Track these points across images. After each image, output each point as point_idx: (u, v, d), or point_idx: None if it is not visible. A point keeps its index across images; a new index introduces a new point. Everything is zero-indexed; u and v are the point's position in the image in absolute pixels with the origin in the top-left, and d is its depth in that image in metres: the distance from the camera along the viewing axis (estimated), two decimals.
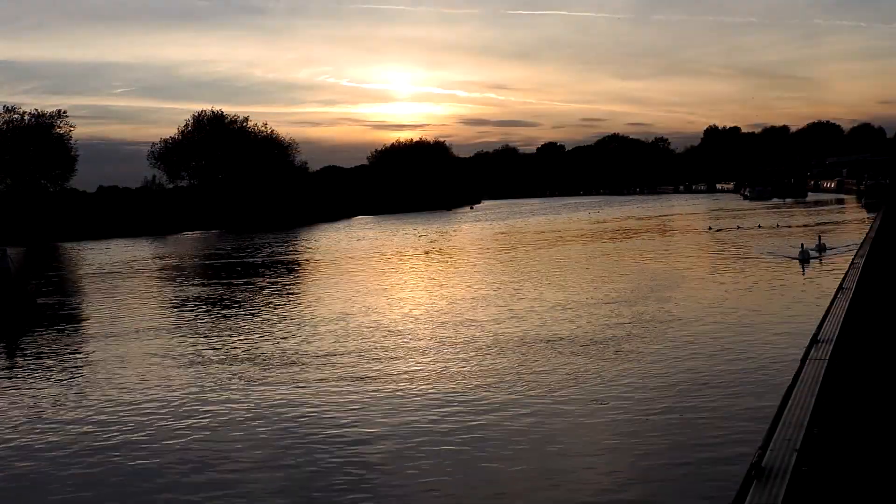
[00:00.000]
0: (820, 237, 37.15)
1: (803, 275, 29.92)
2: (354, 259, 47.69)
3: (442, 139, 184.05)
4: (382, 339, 20.55)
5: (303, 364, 17.92)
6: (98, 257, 61.98)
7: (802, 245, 34.06)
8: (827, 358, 9.38)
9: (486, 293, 28.55)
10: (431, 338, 20.37)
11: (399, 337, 20.74)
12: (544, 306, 24.46)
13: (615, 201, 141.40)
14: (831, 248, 35.70)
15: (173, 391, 16.12)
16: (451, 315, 23.79)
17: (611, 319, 21.46)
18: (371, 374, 16.60)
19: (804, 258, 32.36)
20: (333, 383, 16.02)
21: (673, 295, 25.71)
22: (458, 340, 19.76)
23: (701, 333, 19.15)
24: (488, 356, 17.78)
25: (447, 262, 44.27)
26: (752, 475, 5.89)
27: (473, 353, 18.15)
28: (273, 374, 17.13)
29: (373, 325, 22.77)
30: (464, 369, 16.66)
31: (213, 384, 16.54)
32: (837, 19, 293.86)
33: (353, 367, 17.38)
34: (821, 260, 33.28)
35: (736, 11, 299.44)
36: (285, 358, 18.70)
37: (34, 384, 17.70)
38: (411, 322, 23.09)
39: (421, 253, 50.67)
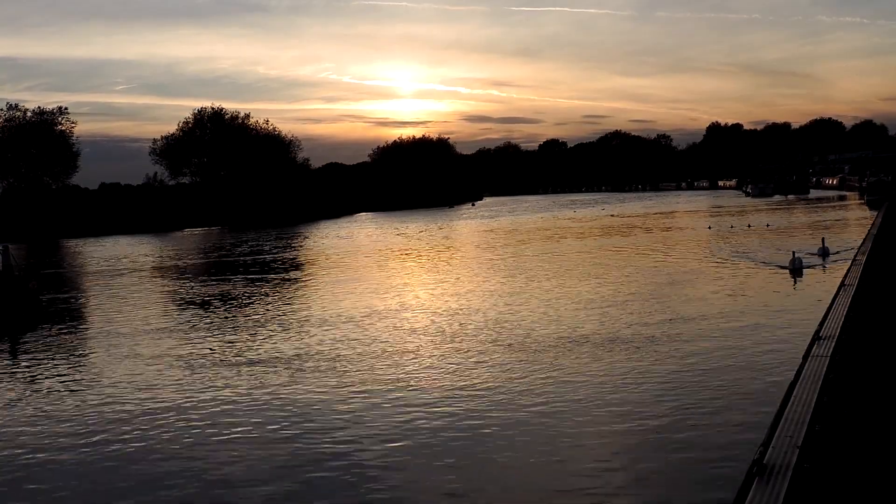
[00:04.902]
0: (823, 240, 33.17)
1: (794, 288, 25.91)
2: (355, 257, 47.69)
3: (444, 136, 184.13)
4: (387, 338, 20.54)
5: (305, 364, 17.92)
6: (100, 254, 62.01)
7: (794, 253, 29.22)
8: (829, 355, 9.37)
9: (483, 291, 28.54)
10: (434, 337, 20.35)
11: (404, 337, 20.73)
12: (543, 305, 24.44)
13: (617, 198, 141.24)
14: (835, 252, 31.68)
15: (174, 390, 16.12)
16: (452, 314, 23.77)
17: (608, 319, 21.45)
18: (374, 374, 16.58)
19: (796, 267, 27.95)
20: (334, 383, 16.01)
21: (666, 295, 25.71)
22: (460, 339, 19.74)
23: (699, 333, 19.14)
24: (487, 356, 17.77)
25: (449, 259, 44.24)
26: (754, 472, 5.89)
27: (475, 353, 18.13)
28: (275, 373, 17.12)
29: (376, 324, 22.76)
30: (464, 369, 16.64)
31: (213, 383, 16.53)
32: (840, 16, 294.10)
33: (355, 367, 17.36)
34: (824, 267, 29.44)
35: (738, 9, 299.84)
36: (288, 358, 18.69)
37: (36, 382, 17.70)
38: (416, 321, 23.06)
39: (423, 250, 50.65)
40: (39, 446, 12.85)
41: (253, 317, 25.31)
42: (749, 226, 53.05)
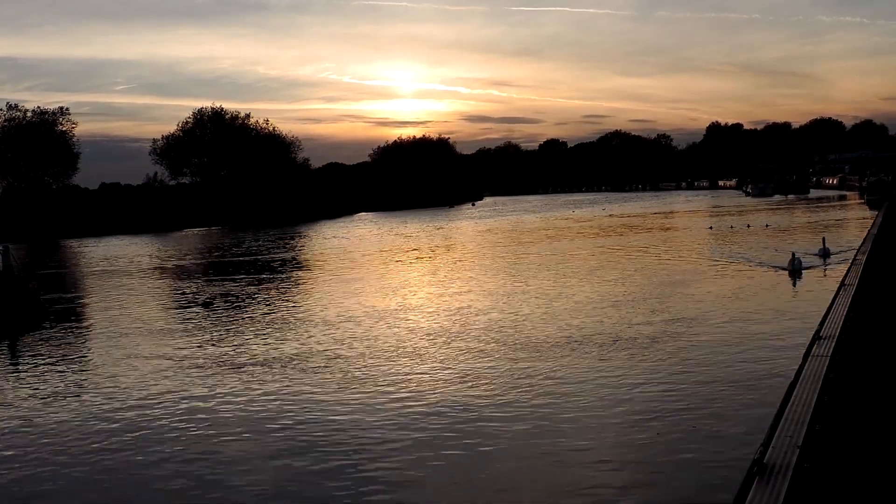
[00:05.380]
0: (824, 240, 32.62)
1: (794, 289, 25.62)
2: (355, 257, 47.68)
3: (444, 136, 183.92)
4: (387, 339, 20.54)
5: (305, 365, 17.92)
6: (100, 254, 62.01)
7: (794, 254, 28.80)
8: (829, 354, 9.37)
9: (483, 291, 28.54)
10: (435, 337, 20.35)
11: (404, 337, 20.72)
12: (543, 305, 24.44)
13: (617, 198, 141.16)
14: (836, 253, 31.28)
15: (174, 390, 16.12)
16: (453, 314, 23.76)
17: (608, 319, 21.45)
18: (375, 374, 16.58)
19: (796, 268, 27.55)
20: (335, 383, 16.01)
21: (666, 295, 25.71)
22: (461, 339, 19.74)
23: (699, 333, 19.14)
24: (488, 356, 17.77)
25: (449, 259, 44.22)
26: (754, 472, 5.89)
27: (475, 353, 18.13)
28: (275, 374, 17.12)
29: (377, 324, 22.75)
30: (465, 369, 16.63)
31: (213, 383, 16.54)
32: (840, 16, 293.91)
33: (356, 367, 17.36)
34: (824, 268, 28.91)
35: (738, 8, 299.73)
36: (288, 358, 18.69)
37: (36, 382, 17.71)
38: (416, 321, 23.06)
39: (424, 250, 50.62)
40: (39, 446, 12.85)
41: (253, 317, 25.31)
42: (748, 226, 52.68)
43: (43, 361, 19.80)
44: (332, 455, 11.61)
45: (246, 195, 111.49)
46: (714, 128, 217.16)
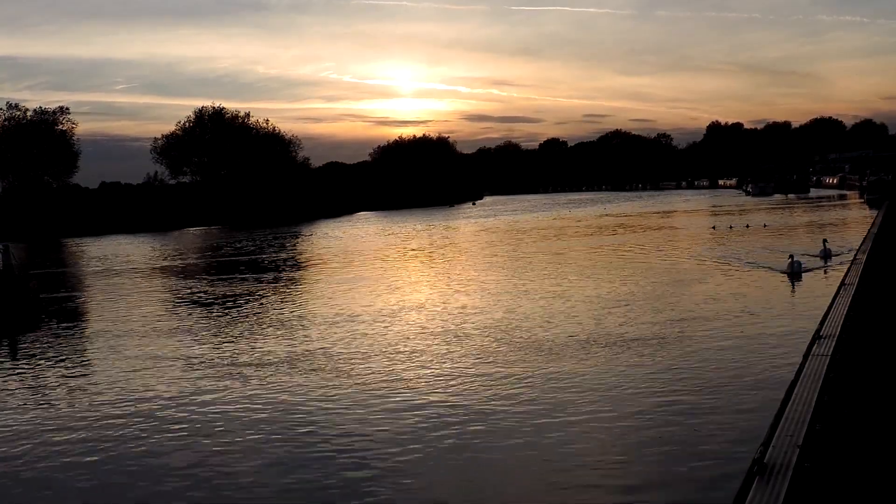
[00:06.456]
0: (825, 242, 32.08)
1: (793, 290, 25.39)
2: (354, 256, 47.65)
3: (445, 135, 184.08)
4: (388, 338, 20.51)
5: (305, 365, 17.90)
6: (100, 253, 61.99)
7: (792, 256, 28.24)
8: (829, 354, 9.36)
9: (483, 291, 28.53)
10: (436, 337, 20.34)
11: (405, 336, 20.70)
12: (543, 305, 24.44)
13: (617, 197, 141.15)
14: (837, 254, 30.65)
15: (174, 390, 16.10)
16: (454, 313, 23.75)
17: (608, 320, 21.44)
18: (376, 374, 16.57)
19: (795, 271, 27.07)
20: (335, 383, 15.99)
21: (665, 296, 25.71)
22: (462, 339, 19.73)
23: (699, 334, 19.13)
24: (488, 355, 17.76)
25: (450, 259, 44.20)
26: (755, 472, 5.88)
27: (476, 352, 18.12)
28: (275, 374, 17.10)
29: (377, 324, 22.74)
30: (466, 369, 16.63)
31: (213, 383, 16.52)
32: (840, 15, 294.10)
33: (356, 366, 17.34)
34: (825, 270, 28.43)
35: (738, 8, 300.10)
36: (288, 359, 18.67)
37: (35, 382, 17.70)
38: (417, 321, 23.03)
39: (424, 249, 50.62)
40: (39, 446, 12.84)
41: (252, 317, 25.29)
42: (747, 226, 52.45)
43: (42, 361, 19.79)
44: (331, 454, 11.59)
45: (246, 194, 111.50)
46: (714, 127, 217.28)
